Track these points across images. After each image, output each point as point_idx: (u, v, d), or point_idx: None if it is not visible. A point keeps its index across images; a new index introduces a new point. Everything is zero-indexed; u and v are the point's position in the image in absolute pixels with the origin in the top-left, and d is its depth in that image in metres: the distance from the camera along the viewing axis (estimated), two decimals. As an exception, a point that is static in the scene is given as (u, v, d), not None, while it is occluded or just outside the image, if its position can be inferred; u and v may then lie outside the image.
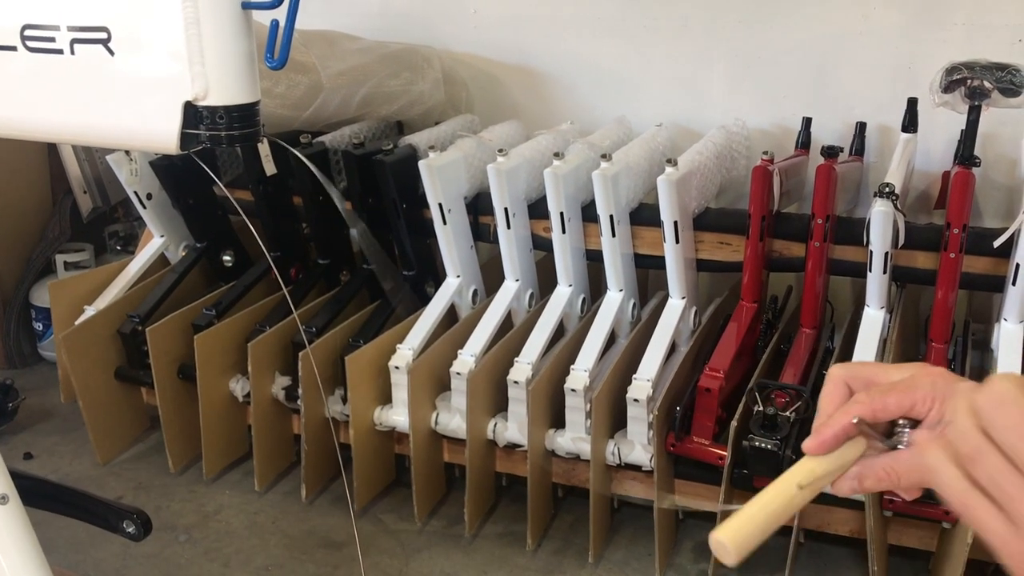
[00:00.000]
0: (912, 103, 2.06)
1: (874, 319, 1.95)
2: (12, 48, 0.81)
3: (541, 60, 2.57)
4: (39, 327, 2.92)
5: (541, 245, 2.19)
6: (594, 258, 2.15)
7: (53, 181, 2.97)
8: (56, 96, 0.82)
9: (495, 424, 2.04)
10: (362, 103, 2.36)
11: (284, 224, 2.39)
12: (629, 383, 1.92)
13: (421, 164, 2.05)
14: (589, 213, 2.08)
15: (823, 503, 1.83)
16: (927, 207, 2.24)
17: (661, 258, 2.04)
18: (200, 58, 0.73)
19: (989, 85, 1.73)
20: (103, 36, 0.77)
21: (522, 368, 1.99)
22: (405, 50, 2.47)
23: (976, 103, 1.78)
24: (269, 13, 0.75)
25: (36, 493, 1.08)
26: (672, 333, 2.02)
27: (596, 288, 2.25)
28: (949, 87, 1.77)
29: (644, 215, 2.10)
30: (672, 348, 2.05)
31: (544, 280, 2.25)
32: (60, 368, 2.43)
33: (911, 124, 2.07)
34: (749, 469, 1.79)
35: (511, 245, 2.13)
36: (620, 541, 2.09)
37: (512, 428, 2.02)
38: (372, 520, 2.18)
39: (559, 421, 2.01)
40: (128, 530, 1.07)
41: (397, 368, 2.06)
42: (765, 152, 2.05)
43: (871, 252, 1.87)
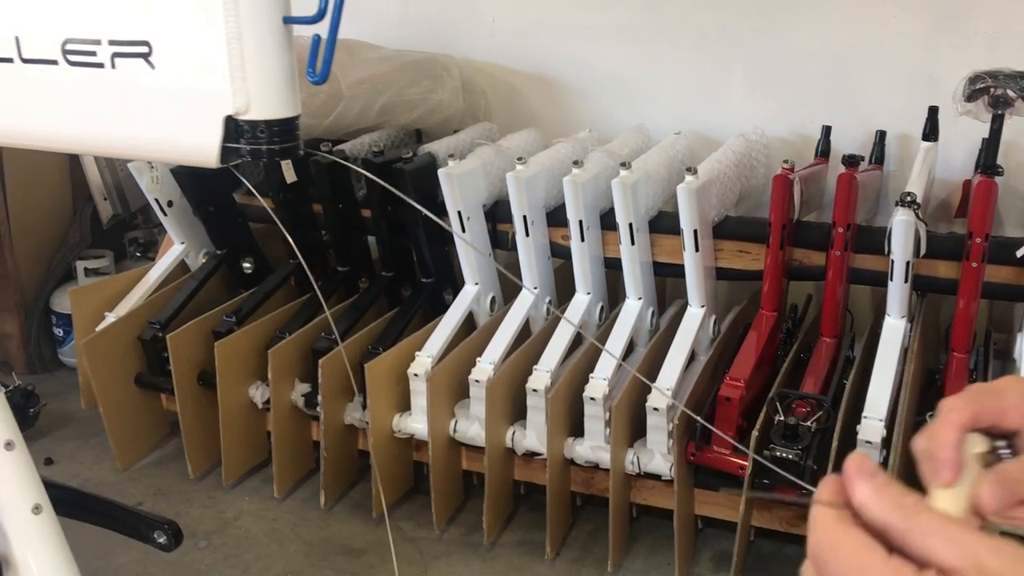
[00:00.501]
0: (933, 111, 2.06)
1: (895, 328, 1.94)
2: (53, 62, 0.82)
3: (558, 69, 2.58)
4: (59, 333, 2.94)
5: (559, 253, 2.19)
6: (612, 266, 2.15)
7: (74, 188, 2.99)
8: (96, 109, 0.82)
9: (514, 432, 2.04)
10: (382, 111, 2.37)
11: (304, 231, 2.40)
12: (648, 392, 1.92)
13: (441, 172, 2.05)
14: (607, 221, 2.09)
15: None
16: (947, 216, 2.23)
17: (680, 266, 2.04)
18: (242, 72, 0.73)
19: (1013, 94, 1.72)
20: (144, 50, 0.77)
21: (541, 376, 1.99)
22: (425, 59, 2.48)
23: (999, 112, 1.78)
24: (310, 28, 0.76)
25: (68, 503, 1.08)
26: (692, 342, 2.02)
27: (612, 297, 2.25)
28: (972, 96, 1.76)
29: (663, 223, 2.10)
30: (691, 357, 2.04)
31: (562, 288, 2.25)
32: (80, 374, 2.44)
33: (932, 132, 2.07)
34: (770, 479, 1.79)
35: (529, 253, 2.13)
36: (639, 550, 2.09)
37: (531, 436, 2.02)
38: (391, 527, 2.18)
39: (578, 429, 2.01)
40: (159, 540, 1.07)
41: (416, 375, 2.06)
42: (786, 160, 2.04)
43: (892, 261, 1.86)
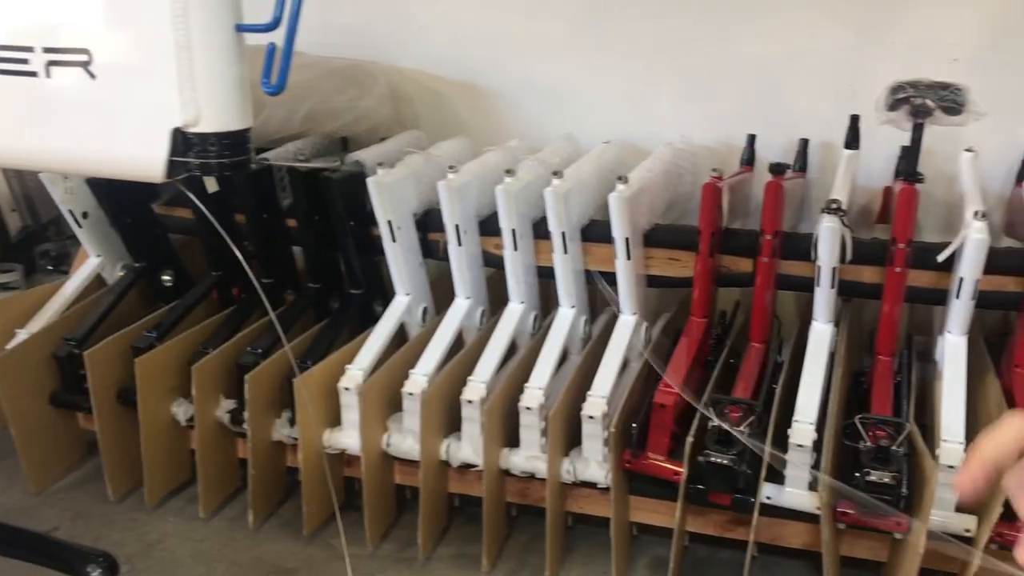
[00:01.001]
0: (854, 120, 2.10)
1: (822, 333, 1.98)
2: (-22, 70, 0.77)
3: (488, 77, 2.56)
4: (-35, 351, 2.80)
5: (491, 262, 2.18)
6: (544, 275, 2.14)
7: (-22, 199, 2.87)
8: (28, 121, 0.77)
9: (448, 444, 2.02)
10: (305, 119, 2.33)
11: (225, 243, 2.32)
12: (584, 400, 1.92)
13: (370, 181, 2.02)
14: (540, 230, 2.08)
15: (776, 517, 1.85)
16: (868, 221, 2.28)
17: (612, 274, 2.04)
18: (191, 83, 0.70)
19: (932, 104, 1.77)
20: (83, 59, 0.73)
21: (476, 387, 1.97)
22: (350, 65, 2.43)
23: (920, 121, 1.83)
24: (264, 36, 0.73)
25: (-8, 536, 1.02)
26: (624, 349, 2.03)
27: (544, 305, 2.24)
28: (894, 105, 1.81)
29: (594, 231, 2.10)
30: (624, 364, 2.05)
31: (494, 297, 2.23)
32: (-10, 394, 2.33)
33: (854, 141, 2.12)
34: (705, 484, 1.80)
35: (462, 262, 2.11)
36: (576, 559, 2.08)
37: (466, 448, 2.00)
38: (322, 545, 2.13)
39: (513, 440, 1.99)
40: (93, 575, 1.01)
41: (347, 389, 2.02)
42: (714, 169, 2.06)
43: (819, 267, 1.90)
